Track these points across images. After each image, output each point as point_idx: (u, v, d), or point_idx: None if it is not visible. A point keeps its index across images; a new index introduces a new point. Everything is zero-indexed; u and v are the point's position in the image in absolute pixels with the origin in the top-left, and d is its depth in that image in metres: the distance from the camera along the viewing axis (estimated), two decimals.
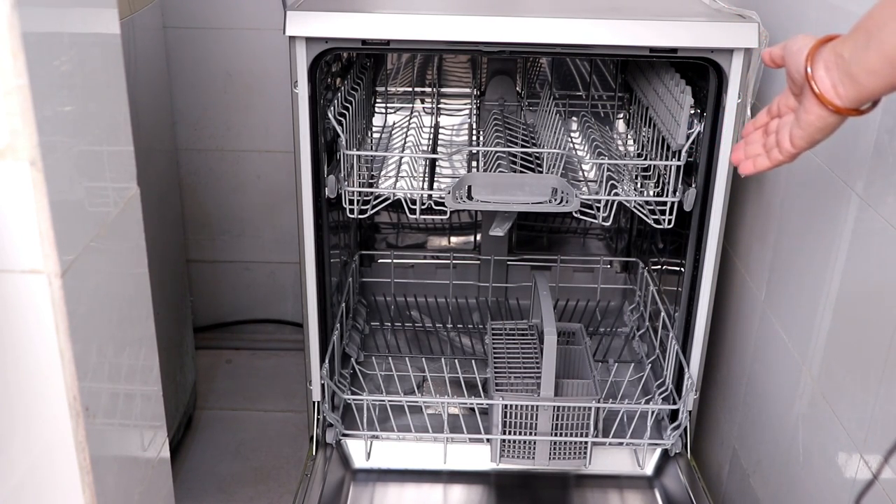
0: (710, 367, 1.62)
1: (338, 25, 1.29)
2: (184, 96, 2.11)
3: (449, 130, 1.95)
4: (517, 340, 1.62)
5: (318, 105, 1.37)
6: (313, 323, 1.50)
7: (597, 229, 2.03)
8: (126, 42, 1.40)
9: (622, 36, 1.29)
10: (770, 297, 1.40)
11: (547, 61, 1.93)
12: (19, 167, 0.63)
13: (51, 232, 0.66)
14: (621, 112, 1.92)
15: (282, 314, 2.36)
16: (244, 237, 2.28)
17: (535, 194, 1.41)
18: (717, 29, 1.30)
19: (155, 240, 1.56)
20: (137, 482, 0.87)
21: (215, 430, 2.03)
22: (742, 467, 1.51)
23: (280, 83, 2.08)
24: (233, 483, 1.87)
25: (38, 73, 0.63)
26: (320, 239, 1.46)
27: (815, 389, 1.22)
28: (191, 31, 2.06)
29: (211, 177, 2.21)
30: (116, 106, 0.80)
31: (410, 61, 1.95)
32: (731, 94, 1.33)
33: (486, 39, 1.31)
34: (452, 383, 1.67)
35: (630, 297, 1.95)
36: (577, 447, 1.45)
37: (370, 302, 1.99)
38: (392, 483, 1.52)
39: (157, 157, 1.74)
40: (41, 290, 0.67)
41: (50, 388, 0.70)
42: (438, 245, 2.06)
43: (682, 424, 1.51)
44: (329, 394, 1.53)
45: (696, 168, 1.44)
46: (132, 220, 0.84)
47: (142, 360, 0.88)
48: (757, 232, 1.46)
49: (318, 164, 1.41)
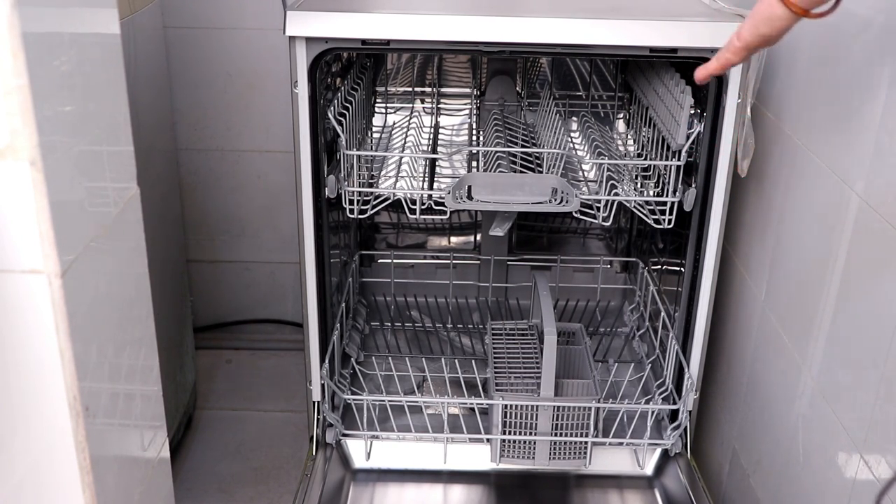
0: (710, 367, 1.62)
1: (338, 25, 1.29)
2: (184, 96, 2.11)
3: (449, 130, 1.95)
4: (517, 340, 1.62)
5: (318, 105, 1.37)
6: (313, 323, 1.50)
7: (597, 229, 2.03)
8: (126, 42, 1.40)
9: (622, 36, 1.29)
10: (770, 297, 1.40)
11: (547, 61, 1.93)
12: (19, 167, 0.63)
13: (51, 232, 0.65)
14: (621, 112, 1.92)
15: (282, 314, 2.36)
16: (244, 237, 2.28)
17: (535, 194, 1.41)
18: (718, 29, 1.30)
19: (155, 240, 1.56)
20: (137, 482, 0.87)
21: (215, 430, 2.03)
22: (742, 467, 1.51)
23: (280, 83, 2.08)
24: (233, 483, 1.87)
25: (38, 73, 0.63)
26: (320, 239, 1.46)
27: (815, 389, 1.22)
28: (191, 31, 2.06)
29: (211, 177, 2.21)
30: (116, 106, 0.80)
31: (410, 61, 1.95)
32: (731, 94, 1.33)
33: (486, 39, 1.31)
34: (452, 383, 1.67)
35: (630, 297, 1.95)
36: (577, 447, 1.45)
37: (370, 302, 1.99)
38: (392, 483, 1.52)
39: (157, 157, 1.73)
40: (41, 290, 0.67)
41: (50, 388, 0.70)
42: (438, 245, 2.06)
43: (682, 424, 1.51)
44: (329, 394, 1.53)
45: (696, 168, 1.44)
46: (132, 221, 0.84)
47: (142, 360, 0.88)
48: (757, 232, 1.46)
49: (318, 164, 1.41)
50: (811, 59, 1.26)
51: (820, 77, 1.24)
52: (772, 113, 1.40)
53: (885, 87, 1.04)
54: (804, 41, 1.28)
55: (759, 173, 1.44)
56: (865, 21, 1.10)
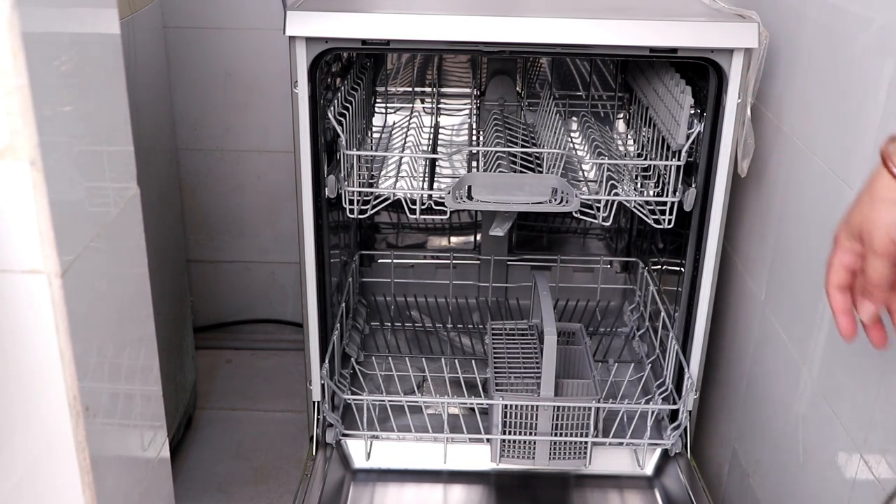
0: (710, 367, 1.62)
1: (338, 25, 1.29)
2: (184, 96, 2.11)
3: (449, 130, 1.95)
4: (517, 340, 1.62)
5: (318, 105, 1.37)
6: (313, 323, 1.50)
7: (597, 229, 2.03)
8: (126, 42, 1.40)
9: (622, 36, 1.29)
10: (770, 297, 1.39)
11: (547, 61, 1.93)
12: (19, 167, 0.63)
13: (51, 232, 0.65)
14: (621, 112, 1.92)
15: (282, 314, 2.36)
16: (244, 237, 2.28)
17: (535, 194, 1.41)
18: (717, 29, 1.30)
19: (155, 240, 1.56)
20: (137, 482, 0.87)
21: (215, 430, 2.03)
22: (742, 467, 1.51)
23: (280, 83, 2.08)
24: (233, 483, 1.87)
25: (38, 73, 0.63)
26: (320, 239, 1.46)
27: (815, 389, 1.22)
28: (191, 31, 2.06)
29: (211, 177, 2.21)
30: (116, 106, 0.80)
31: (410, 61, 1.95)
32: (731, 94, 1.33)
33: (486, 39, 1.31)
34: (452, 383, 1.67)
35: (630, 297, 1.95)
36: (577, 447, 1.45)
37: (370, 302, 1.99)
38: (392, 483, 1.52)
39: (157, 157, 1.73)
40: (41, 290, 0.67)
41: (50, 388, 0.70)
42: (438, 245, 2.06)
43: (682, 424, 1.51)
44: (329, 394, 1.53)
45: (696, 168, 1.44)
46: (132, 220, 0.84)
47: (142, 360, 0.88)
48: (757, 232, 1.46)
49: (318, 164, 1.41)
50: (811, 60, 1.26)
51: (820, 77, 1.24)
52: (772, 113, 1.40)
53: (885, 88, 1.04)
54: (804, 41, 1.28)
55: (759, 173, 1.44)
56: (865, 21, 1.10)
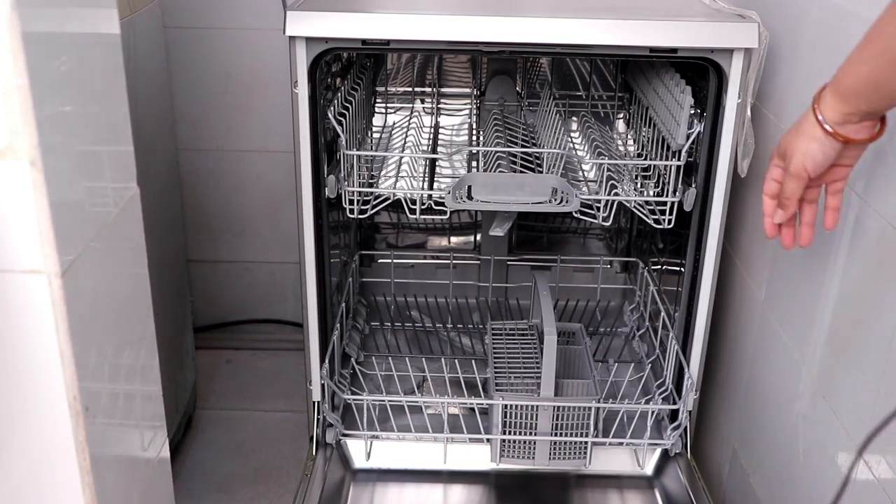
0: (710, 367, 1.62)
1: (338, 25, 1.29)
2: (184, 96, 2.11)
3: (449, 130, 1.95)
4: (517, 340, 1.62)
5: (318, 105, 1.37)
6: (313, 323, 1.50)
7: (597, 229, 2.03)
8: (126, 42, 1.40)
9: (622, 36, 1.29)
10: (770, 297, 1.39)
11: (547, 61, 1.93)
12: (19, 167, 0.63)
13: (51, 232, 0.65)
14: (621, 112, 1.92)
15: (282, 314, 2.36)
16: (244, 237, 2.28)
17: (535, 194, 1.41)
18: (717, 29, 1.30)
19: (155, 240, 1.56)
20: (137, 482, 0.87)
21: (215, 430, 2.03)
22: (742, 467, 1.51)
23: (280, 83, 2.08)
24: (233, 483, 1.87)
25: (38, 73, 0.63)
26: (320, 239, 1.46)
27: (815, 389, 1.22)
28: (191, 31, 2.06)
29: (211, 177, 2.21)
30: (116, 106, 0.80)
31: (410, 61, 1.95)
32: (731, 94, 1.33)
33: (486, 39, 1.31)
34: (452, 383, 1.67)
35: (630, 297, 1.95)
36: (577, 447, 1.45)
37: (370, 302, 1.99)
38: (392, 483, 1.52)
39: (157, 157, 1.73)
40: (41, 290, 0.67)
41: (50, 388, 0.70)
42: (438, 245, 2.06)
43: (682, 424, 1.51)
44: (329, 394, 1.53)
45: (696, 168, 1.44)
46: (132, 220, 0.84)
47: (142, 360, 0.88)
48: (757, 232, 1.46)
49: (318, 164, 1.41)
50: (811, 60, 1.26)
51: (820, 77, 1.23)
52: (772, 113, 1.40)
53: None
54: (804, 41, 1.28)
55: (759, 173, 1.44)
56: (865, 21, 1.10)
